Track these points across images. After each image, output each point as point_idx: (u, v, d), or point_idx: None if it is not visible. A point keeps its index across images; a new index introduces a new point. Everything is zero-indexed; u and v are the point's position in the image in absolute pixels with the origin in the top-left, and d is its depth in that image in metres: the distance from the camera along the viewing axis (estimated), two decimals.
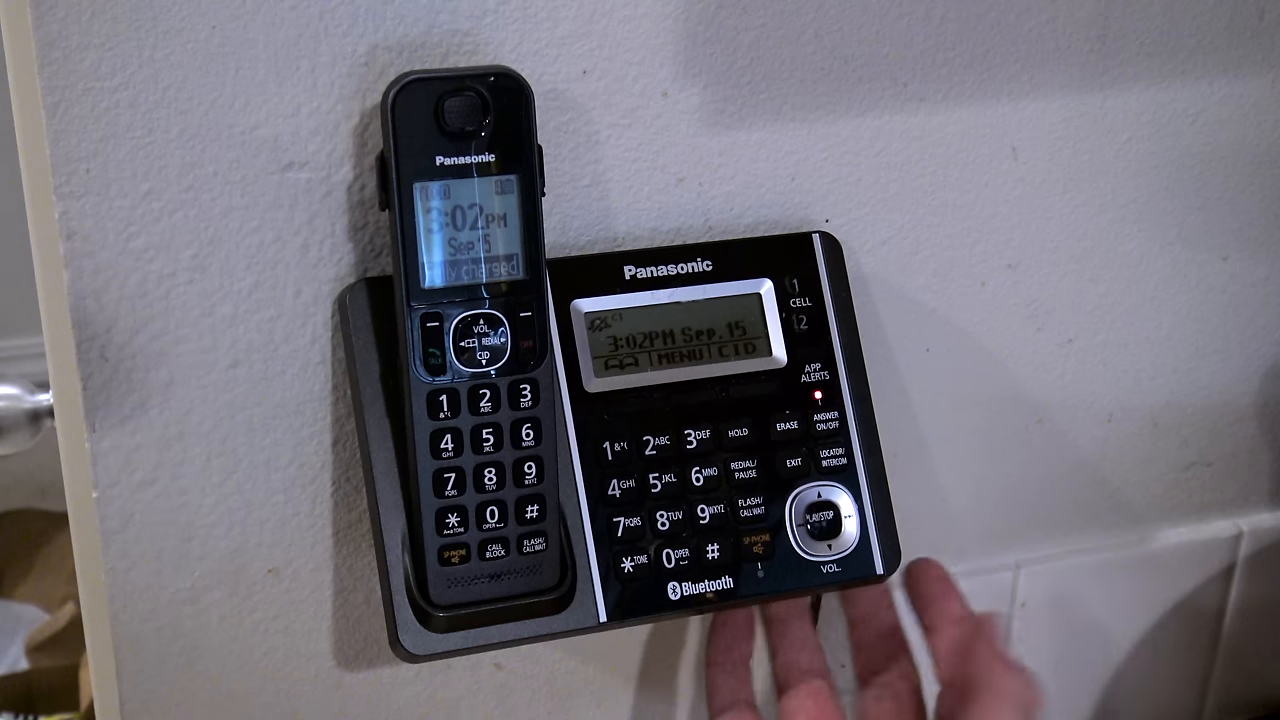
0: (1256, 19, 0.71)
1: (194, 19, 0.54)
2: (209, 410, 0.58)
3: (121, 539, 0.59)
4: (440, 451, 0.56)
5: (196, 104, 0.55)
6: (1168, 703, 0.85)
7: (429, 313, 0.55)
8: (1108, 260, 0.73)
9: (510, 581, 0.58)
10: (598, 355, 0.60)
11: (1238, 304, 0.77)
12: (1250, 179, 0.74)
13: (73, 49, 0.52)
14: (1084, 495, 0.77)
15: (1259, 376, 0.79)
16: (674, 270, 0.62)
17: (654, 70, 0.61)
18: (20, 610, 1.82)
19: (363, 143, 0.57)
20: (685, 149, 0.63)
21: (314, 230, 0.58)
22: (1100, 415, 0.76)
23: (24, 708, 1.61)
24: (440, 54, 0.57)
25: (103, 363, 0.56)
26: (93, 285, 0.55)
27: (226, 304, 0.57)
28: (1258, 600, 0.83)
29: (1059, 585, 0.78)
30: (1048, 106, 0.68)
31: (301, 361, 0.59)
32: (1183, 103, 0.71)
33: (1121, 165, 0.71)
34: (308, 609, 0.63)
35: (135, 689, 0.61)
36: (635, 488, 0.60)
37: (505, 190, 0.55)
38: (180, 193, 0.55)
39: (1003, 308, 0.71)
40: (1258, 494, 0.82)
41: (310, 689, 0.64)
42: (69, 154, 0.54)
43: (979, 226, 0.69)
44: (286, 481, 0.60)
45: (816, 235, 0.64)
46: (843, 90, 0.64)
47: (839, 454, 0.63)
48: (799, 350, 0.63)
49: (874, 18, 0.64)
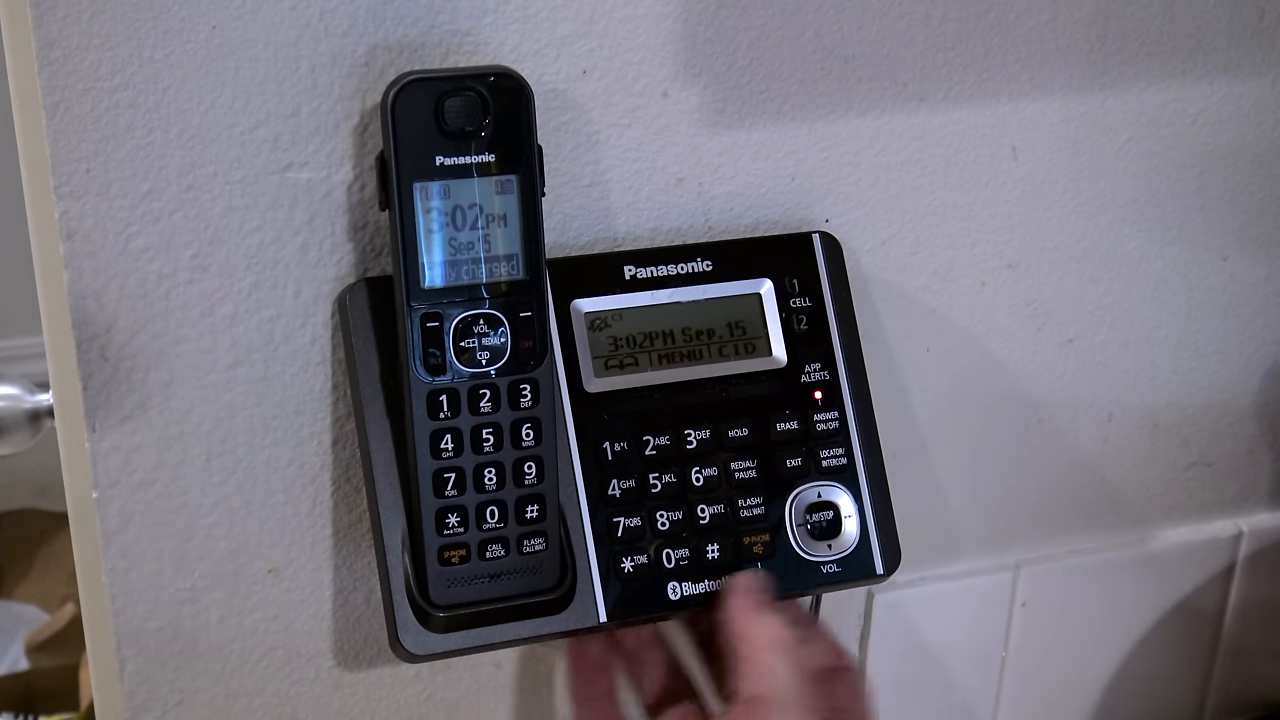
0: (1256, 19, 0.71)
1: (194, 19, 0.54)
2: (209, 410, 0.58)
3: (121, 539, 0.59)
4: (440, 451, 0.56)
5: (196, 104, 0.55)
6: (1168, 703, 0.85)
7: (429, 313, 0.55)
8: (1108, 260, 0.73)
9: (510, 581, 0.58)
10: (598, 355, 0.60)
11: (1238, 304, 0.77)
12: (1250, 179, 0.74)
13: (73, 49, 0.52)
14: (1084, 495, 0.77)
15: (1259, 376, 0.79)
16: (674, 270, 0.62)
17: (654, 70, 0.61)
18: (20, 610, 1.82)
19: (363, 143, 0.57)
20: (685, 149, 0.63)
21: (314, 230, 0.58)
22: (1100, 415, 0.76)
23: (24, 708, 1.61)
24: (440, 54, 0.57)
25: (103, 363, 0.56)
26: (93, 285, 0.55)
27: (226, 304, 0.57)
28: (1258, 600, 0.83)
29: (1059, 585, 0.78)
30: (1048, 106, 0.68)
31: (301, 361, 0.59)
32: (1183, 103, 0.71)
33: (1121, 165, 0.71)
34: (308, 609, 0.63)
35: (135, 689, 0.61)
36: (635, 488, 0.60)
37: (505, 190, 0.55)
38: (180, 193, 0.55)
39: (1003, 308, 0.71)
40: (1258, 494, 0.82)
41: (310, 689, 0.64)
42: (69, 154, 0.54)
43: (979, 226, 0.69)
44: (286, 481, 0.60)
45: (816, 235, 0.64)
46: (843, 90, 0.64)
47: (839, 454, 0.63)
48: (799, 350, 0.63)
49: (874, 18, 0.64)
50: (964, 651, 0.77)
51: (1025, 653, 0.79)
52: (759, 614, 0.58)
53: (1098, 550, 0.79)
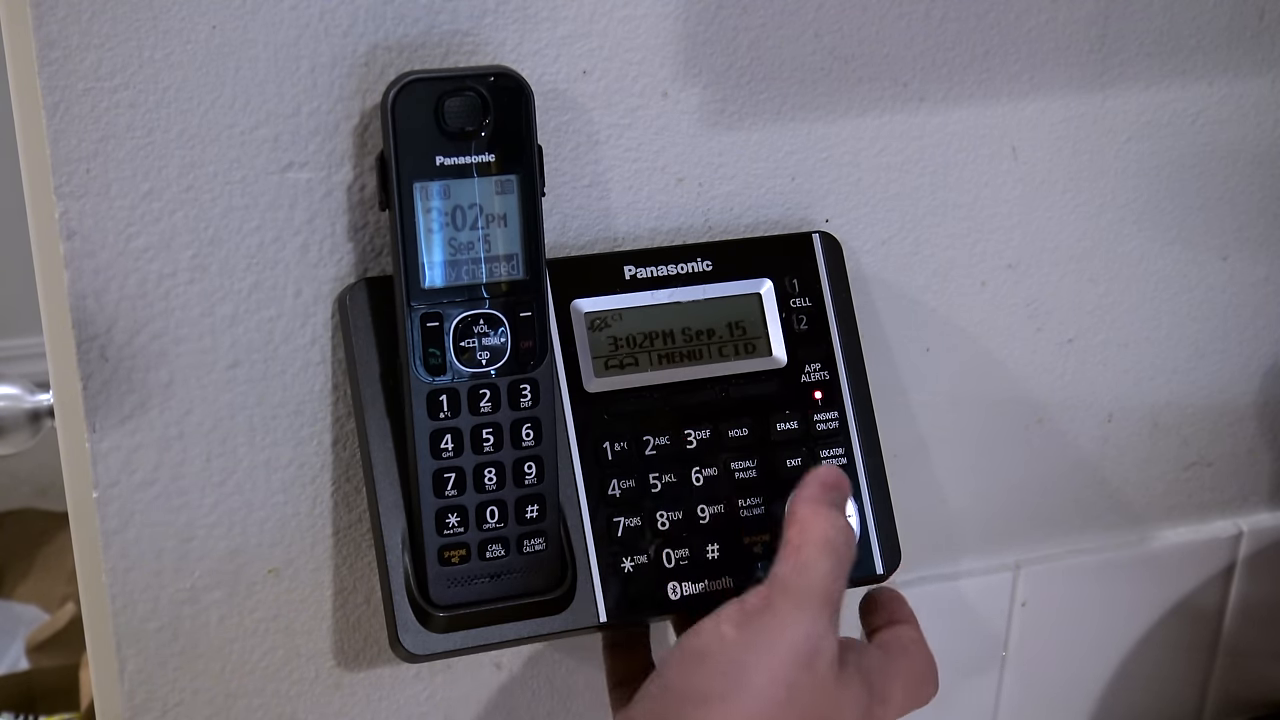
0: (1256, 19, 0.71)
1: (194, 19, 0.54)
2: (209, 410, 0.58)
3: (121, 539, 0.59)
4: (440, 451, 0.56)
5: (196, 104, 0.55)
6: (1168, 703, 0.85)
7: (429, 313, 0.55)
8: (1108, 260, 0.73)
9: (510, 581, 0.58)
10: (598, 355, 0.60)
11: (1238, 304, 0.77)
12: (1250, 179, 0.74)
13: (73, 49, 0.52)
14: (1084, 495, 0.77)
15: (1259, 376, 0.79)
16: (674, 270, 0.62)
17: (654, 70, 0.61)
18: (20, 610, 1.82)
19: (363, 143, 0.57)
20: (685, 149, 0.63)
21: (314, 230, 0.58)
22: (1100, 415, 0.76)
23: (24, 708, 1.61)
24: (440, 54, 0.57)
25: (103, 363, 0.56)
26: (93, 285, 0.55)
27: (226, 304, 0.57)
28: (1258, 600, 0.83)
29: (1059, 585, 0.78)
30: (1048, 106, 0.68)
31: (301, 361, 0.59)
32: (1183, 103, 0.71)
33: (1121, 165, 0.71)
34: (308, 609, 0.63)
35: (135, 689, 0.61)
36: (635, 488, 0.60)
37: (505, 190, 0.55)
38: (180, 193, 0.55)
39: (1003, 308, 0.71)
40: (1258, 494, 0.82)
41: (310, 689, 0.64)
42: (69, 154, 0.54)
43: (979, 226, 0.69)
44: (286, 481, 0.60)
45: (816, 235, 0.64)
46: (843, 90, 0.64)
47: (839, 454, 0.63)
48: (799, 350, 0.63)
49: (874, 18, 0.64)
50: (964, 651, 0.77)
51: (1025, 653, 0.79)
52: (821, 508, 0.56)
53: (1098, 550, 0.79)
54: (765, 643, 0.53)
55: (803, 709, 0.53)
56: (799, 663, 0.53)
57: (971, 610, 0.77)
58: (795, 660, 0.53)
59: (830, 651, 0.53)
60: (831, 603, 0.54)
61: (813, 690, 0.53)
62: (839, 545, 0.55)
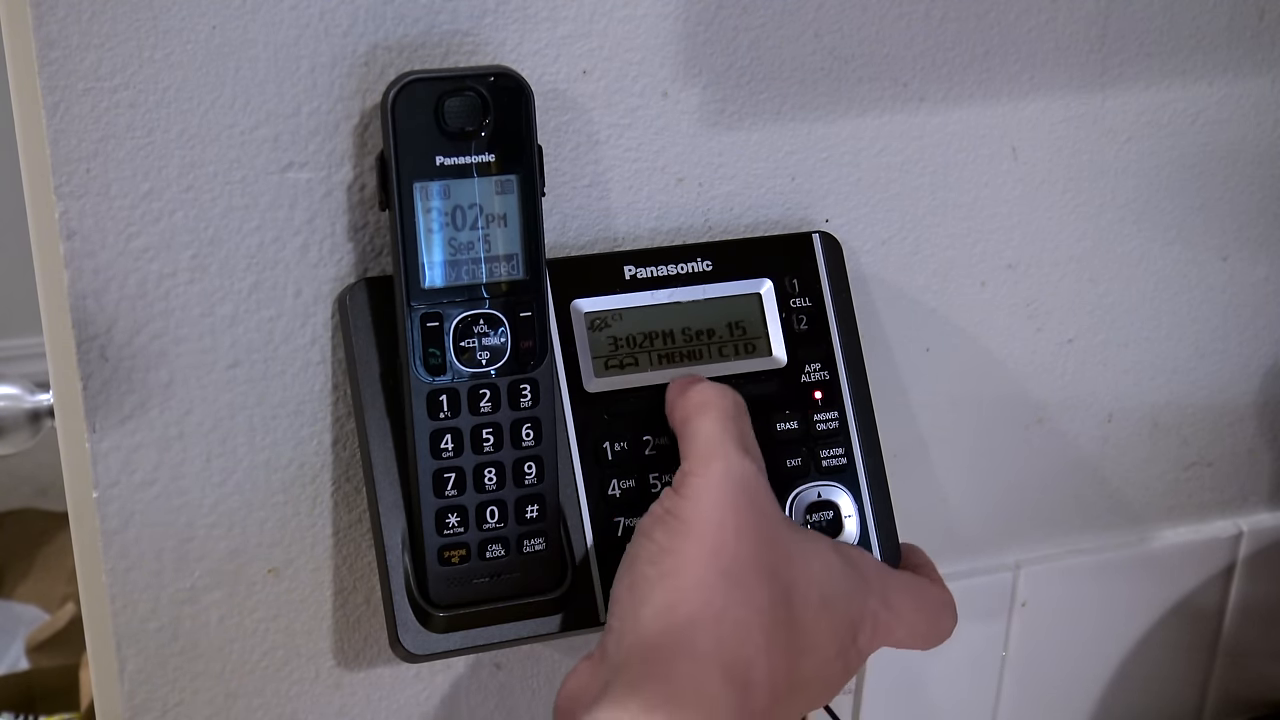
0: (1256, 19, 0.71)
1: (194, 19, 0.54)
2: (209, 410, 0.58)
3: (121, 539, 0.59)
4: (440, 451, 0.56)
5: (196, 104, 0.55)
6: (1168, 703, 0.85)
7: (429, 313, 0.55)
8: (1108, 260, 0.73)
9: (510, 581, 0.58)
10: (598, 355, 0.60)
11: (1238, 304, 0.77)
12: (1250, 179, 0.74)
13: (73, 49, 0.52)
14: (1084, 495, 0.77)
15: (1259, 376, 0.79)
16: (674, 270, 0.62)
17: (654, 70, 0.61)
18: (20, 610, 1.82)
19: (363, 143, 0.57)
20: (685, 149, 0.63)
21: (314, 230, 0.58)
22: (1100, 415, 0.76)
23: (24, 708, 1.61)
24: (440, 54, 0.57)
25: (103, 363, 0.56)
26: (93, 285, 0.55)
27: (226, 304, 0.58)
28: (1258, 600, 0.83)
29: (1059, 585, 0.78)
30: (1048, 106, 0.68)
31: (301, 361, 0.59)
32: (1183, 103, 0.71)
33: (1121, 165, 0.71)
34: (308, 609, 0.63)
35: (135, 689, 0.61)
36: (635, 488, 0.60)
37: (505, 190, 0.55)
38: (180, 193, 0.55)
39: (1003, 308, 0.71)
40: (1258, 494, 0.82)
41: (310, 689, 0.64)
42: (69, 154, 0.54)
43: (979, 226, 0.69)
44: (286, 481, 0.60)
45: (816, 235, 0.64)
46: (843, 90, 0.64)
47: (839, 454, 0.63)
48: (799, 350, 0.63)
49: (874, 18, 0.64)
50: (964, 651, 0.77)
51: (1025, 653, 0.79)
52: (683, 387, 0.58)
53: (1098, 550, 0.79)
54: (690, 508, 0.53)
55: (755, 543, 0.52)
56: (734, 504, 0.53)
57: (971, 610, 0.77)
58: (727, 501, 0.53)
59: (763, 483, 0.54)
60: (739, 444, 0.55)
61: (757, 522, 0.53)
62: (710, 398, 0.56)
